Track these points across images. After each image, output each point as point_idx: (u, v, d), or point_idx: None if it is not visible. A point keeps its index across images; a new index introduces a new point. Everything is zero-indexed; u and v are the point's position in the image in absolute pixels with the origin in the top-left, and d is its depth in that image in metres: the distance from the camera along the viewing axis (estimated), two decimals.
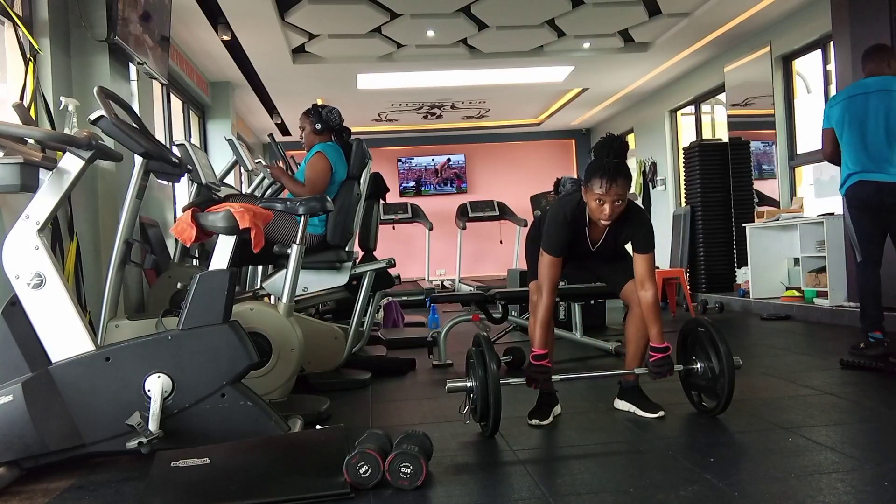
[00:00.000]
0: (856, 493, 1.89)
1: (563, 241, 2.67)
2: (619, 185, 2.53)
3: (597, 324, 5.46)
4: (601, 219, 2.58)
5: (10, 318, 2.26)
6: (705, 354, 2.69)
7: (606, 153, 2.57)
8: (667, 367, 2.66)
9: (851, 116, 3.65)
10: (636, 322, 2.79)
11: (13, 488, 2.16)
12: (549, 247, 2.68)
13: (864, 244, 3.66)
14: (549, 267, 2.67)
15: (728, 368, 2.56)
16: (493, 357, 2.49)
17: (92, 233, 3.97)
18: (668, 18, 6.84)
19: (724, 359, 2.57)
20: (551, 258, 2.67)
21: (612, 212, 2.56)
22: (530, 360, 2.68)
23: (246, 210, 2.60)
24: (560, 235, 2.67)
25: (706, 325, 2.71)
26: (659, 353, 2.66)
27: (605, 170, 2.53)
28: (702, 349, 2.72)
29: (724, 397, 2.58)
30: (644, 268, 2.67)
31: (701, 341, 2.73)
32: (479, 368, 2.54)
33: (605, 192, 2.52)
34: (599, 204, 2.55)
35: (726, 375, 2.56)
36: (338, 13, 6.40)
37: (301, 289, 3.37)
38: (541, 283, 2.69)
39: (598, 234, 2.72)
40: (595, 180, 2.54)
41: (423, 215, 9.91)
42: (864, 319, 3.67)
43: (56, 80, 3.82)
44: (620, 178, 2.53)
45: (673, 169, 9.59)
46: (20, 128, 2.31)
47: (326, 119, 3.70)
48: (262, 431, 2.30)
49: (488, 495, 1.99)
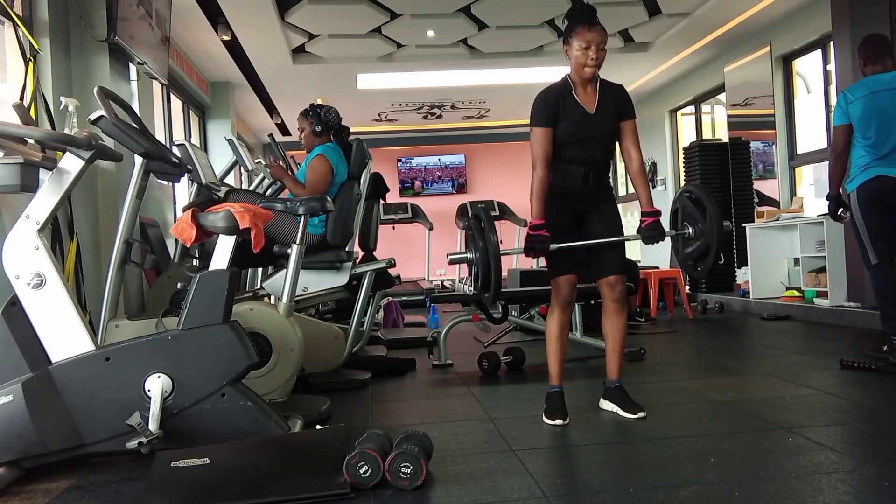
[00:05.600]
0: (856, 493, 1.89)
1: (549, 109, 2.69)
2: (600, 30, 2.65)
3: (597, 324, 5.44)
4: (587, 65, 2.65)
5: (10, 318, 2.26)
6: (695, 219, 2.79)
7: (581, 10, 2.69)
8: (658, 230, 2.74)
9: (880, 112, 3.58)
10: (611, 317, 2.81)
11: (13, 488, 2.16)
12: (536, 119, 2.71)
13: (877, 244, 3.60)
14: (540, 139, 2.69)
15: (717, 226, 2.68)
16: (492, 228, 2.61)
17: (92, 233, 3.97)
18: (668, 18, 6.84)
19: (714, 219, 2.69)
20: (541, 130, 2.69)
21: (597, 56, 2.65)
22: (528, 230, 2.70)
23: (246, 210, 2.60)
24: (545, 104, 2.70)
25: (693, 190, 2.83)
26: (650, 218, 2.75)
27: (585, 16, 2.66)
28: (691, 214, 2.81)
29: (714, 250, 2.69)
30: (630, 135, 2.78)
31: (690, 206, 2.82)
32: (479, 239, 2.64)
33: (590, 35, 2.63)
34: (585, 49, 2.64)
35: (715, 235, 2.68)
36: (338, 13, 6.41)
37: (301, 289, 3.37)
38: (534, 158, 2.70)
39: (590, 98, 2.73)
40: (578, 28, 2.66)
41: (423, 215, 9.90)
42: (885, 322, 3.62)
43: (56, 80, 3.82)
44: (599, 25, 2.66)
45: (673, 169, 9.58)
46: (20, 128, 2.31)
47: (325, 119, 3.70)
48: (262, 431, 2.30)
49: (488, 495, 1.99)
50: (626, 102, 2.79)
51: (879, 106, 3.60)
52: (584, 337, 4.43)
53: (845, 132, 3.70)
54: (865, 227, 3.63)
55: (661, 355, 4.25)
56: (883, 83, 3.64)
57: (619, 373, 2.83)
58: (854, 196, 3.69)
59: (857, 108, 3.65)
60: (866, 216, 3.63)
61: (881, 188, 3.58)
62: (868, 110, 3.61)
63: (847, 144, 3.71)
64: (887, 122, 3.58)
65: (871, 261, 3.64)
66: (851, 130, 3.68)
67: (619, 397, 2.80)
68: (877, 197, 3.60)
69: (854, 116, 3.67)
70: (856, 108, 3.66)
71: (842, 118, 3.71)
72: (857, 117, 3.66)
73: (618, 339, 2.82)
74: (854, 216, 3.70)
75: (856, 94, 3.69)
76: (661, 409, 2.86)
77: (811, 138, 6.73)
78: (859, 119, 3.65)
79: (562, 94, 2.71)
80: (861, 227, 3.66)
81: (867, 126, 3.62)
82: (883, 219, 3.60)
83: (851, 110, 3.68)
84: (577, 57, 2.66)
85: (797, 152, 6.93)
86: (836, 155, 3.79)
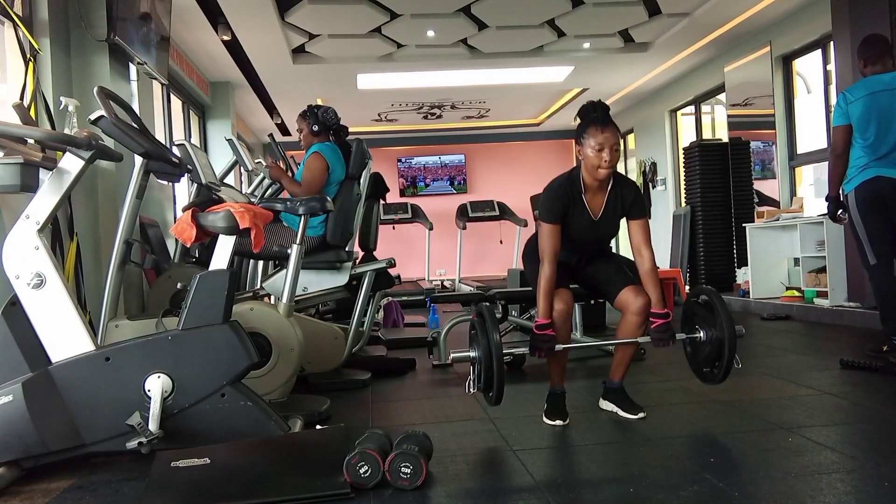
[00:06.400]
0: (856, 493, 1.89)
1: (559, 207, 2.69)
2: (614, 130, 2.64)
3: (597, 324, 5.46)
4: (601, 167, 2.62)
5: (10, 318, 2.26)
6: (707, 323, 2.73)
7: (593, 108, 2.68)
8: (668, 333, 2.68)
9: (879, 112, 3.58)
10: (626, 329, 2.77)
11: (13, 488, 2.16)
12: (546, 215, 2.70)
13: (876, 245, 3.59)
14: (548, 236, 2.68)
15: (729, 333, 2.61)
16: (495, 327, 2.56)
17: (92, 233, 3.97)
18: (668, 18, 6.84)
19: (725, 325, 2.63)
20: (550, 226, 2.68)
21: (611, 157, 2.62)
22: (534, 329, 2.67)
23: (246, 210, 2.60)
24: (555, 201, 2.69)
25: (706, 293, 2.77)
26: (660, 320, 2.68)
27: (598, 118, 2.65)
28: (703, 318, 2.76)
29: (725, 363, 2.64)
30: (640, 234, 2.73)
31: (701, 311, 2.77)
32: (483, 338, 2.59)
33: (603, 137, 2.60)
34: (598, 151, 2.61)
35: (727, 340, 2.62)
36: (338, 13, 6.41)
37: (301, 289, 3.37)
38: (542, 253, 2.69)
39: (598, 203, 2.73)
40: (590, 129, 2.64)
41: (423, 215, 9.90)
42: (885, 322, 3.61)
43: (56, 80, 3.82)
44: (613, 125, 2.65)
45: (673, 169, 9.59)
46: (20, 128, 2.31)
47: (323, 119, 3.70)
48: (262, 432, 2.30)
49: (488, 495, 1.99)
50: (635, 202, 2.75)
51: (878, 106, 3.59)
52: (585, 337, 4.44)
53: (845, 133, 3.69)
54: (864, 228, 3.62)
55: (661, 355, 4.24)
56: (882, 84, 3.63)
57: (622, 377, 2.83)
58: (852, 196, 3.68)
59: (857, 108, 3.64)
60: (864, 217, 3.62)
61: (879, 189, 3.57)
62: (867, 111, 3.60)
63: (847, 145, 3.69)
64: (886, 122, 3.57)
65: (870, 261, 3.63)
66: (851, 131, 3.67)
67: (619, 397, 2.80)
68: (875, 197, 3.59)
69: (853, 117, 3.65)
70: (855, 109, 3.64)
71: (842, 118, 3.70)
72: (856, 118, 3.64)
73: (629, 351, 2.81)
74: (852, 217, 3.69)
75: (855, 95, 3.68)
76: (661, 409, 2.87)
77: (811, 138, 6.73)
78: (858, 119, 3.63)
79: (572, 195, 2.70)
80: (859, 227, 3.65)
81: (866, 126, 3.61)
82: (881, 219, 3.59)
83: (851, 111, 3.66)
84: (590, 158, 2.63)
85: (797, 152, 6.93)
86: (835, 155, 3.77)
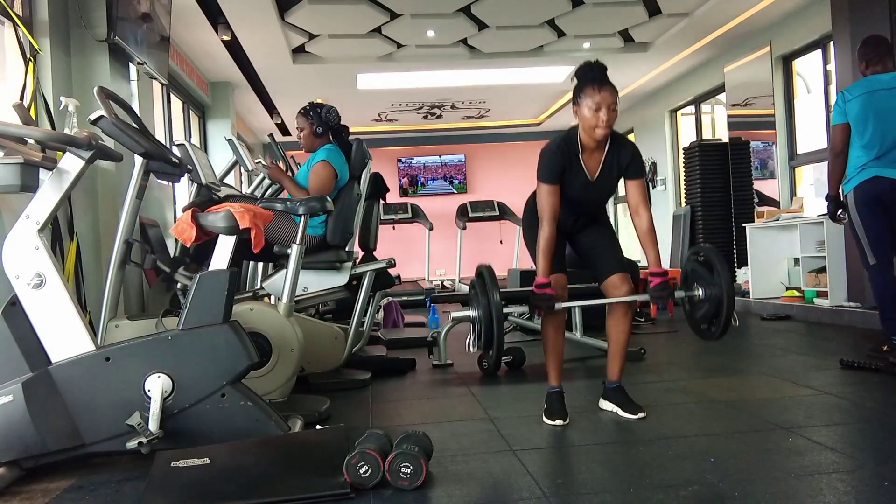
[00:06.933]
0: (856, 493, 1.89)
1: (557, 166, 2.67)
2: (611, 90, 2.60)
3: (597, 324, 5.43)
4: (598, 127, 2.59)
5: (10, 318, 2.26)
6: (705, 281, 2.74)
7: (590, 68, 2.65)
8: (667, 291, 2.68)
9: (876, 111, 3.57)
10: (615, 318, 2.79)
11: (13, 488, 2.16)
12: (544, 175, 2.68)
13: (877, 245, 3.59)
14: (547, 196, 2.67)
15: (728, 290, 2.62)
16: (495, 286, 2.59)
17: (92, 233, 3.97)
18: (668, 18, 6.84)
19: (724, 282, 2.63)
20: (548, 186, 2.67)
21: (608, 117, 2.58)
22: (534, 288, 2.67)
23: (246, 210, 2.60)
24: (553, 161, 2.68)
25: (706, 251, 2.78)
26: (659, 278, 2.68)
27: (595, 77, 2.61)
28: (701, 276, 2.76)
29: (723, 320, 2.64)
30: (638, 194, 2.74)
31: (700, 269, 2.77)
32: (482, 297, 2.62)
33: (600, 97, 2.57)
34: (595, 111, 2.58)
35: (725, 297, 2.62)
36: (338, 13, 6.41)
37: (301, 289, 3.36)
38: (541, 213, 2.68)
39: (595, 163, 2.72)
40: (587, 88, 2.60)
41: (423, 215, 9.90)
42: (885, 322, 3.61)
43: (56, 80, 3.82)
44: (610, 84, 2.61)
45: (673, 169, 9.59)
46: (20, 128, 2.30)
47: (325, 119, 3.66)
48: (262, 432, 2.30)
49: (488, 495, 1.99)
50: (633, 162, 2.74)
51: (877, 106, 3.58)
52: (584, 337, 4.44)
53: (844, 131, 3.68)
54: (863, 228, 3.61)
55: (661, 355, 4.25)
56: (881, 83, 3.63)
57: (619, 374, 2.83)
58: (851, 197, 3.67)
59: (854, 106, 3.63)
60: (864, 217, 3.61)
61: (879, 189, 3.57)
62: (865, 110, 3.60)
63: (846, 144, 3.69)
64: (884, 122, 3.56)
65: (870, 261, 3.63)
66: (850, 129, 3.66)
67: (618, 397, 2.79)
68: (874, 198, 3.58)
69: (851, 115, 3.64)
70: (853, 107, 3.63)
71: (840, 117, 3.69)
72: (853, 116, 3.63)
73: (621, 340, 2.80)
74: (852, 217, 3.68)
75: (853, 93, 3.67)
76: (661, 409, 2.86)
77: (811, 138, 6.73)
78: (856, 118, 3.62)
79: (569, 155, 2.69)
80: (859, 227, 3.64)
81: (864, 126, 3.60)
82: (881, 219, 3.58)
83: (849, 109, 3.65)
84: (587, 118, 2.60)
85: (797, 152, 6.93)
86: (834, 154, 3.77)
